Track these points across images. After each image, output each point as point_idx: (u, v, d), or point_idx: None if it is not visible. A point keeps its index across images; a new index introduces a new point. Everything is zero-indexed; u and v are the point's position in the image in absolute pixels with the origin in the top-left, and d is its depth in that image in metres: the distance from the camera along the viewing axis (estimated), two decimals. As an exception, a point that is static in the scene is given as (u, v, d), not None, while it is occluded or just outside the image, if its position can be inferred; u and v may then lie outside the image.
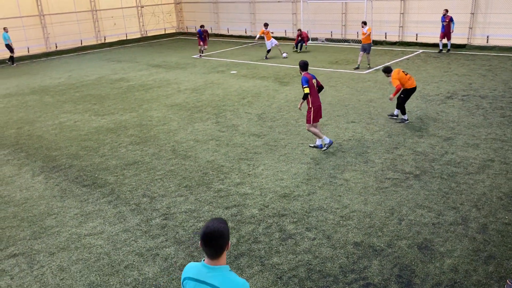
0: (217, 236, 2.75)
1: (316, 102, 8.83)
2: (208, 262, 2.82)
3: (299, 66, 8.79)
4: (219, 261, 2.82)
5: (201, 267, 2.85)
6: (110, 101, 14.06)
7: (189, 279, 2.88)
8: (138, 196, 7.54)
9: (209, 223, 2.81)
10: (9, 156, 9.76)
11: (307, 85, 8.59)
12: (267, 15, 26.45)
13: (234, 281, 2.79)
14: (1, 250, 6.17)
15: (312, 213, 6.69)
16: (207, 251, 2.79)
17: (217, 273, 2.80)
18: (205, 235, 2.76)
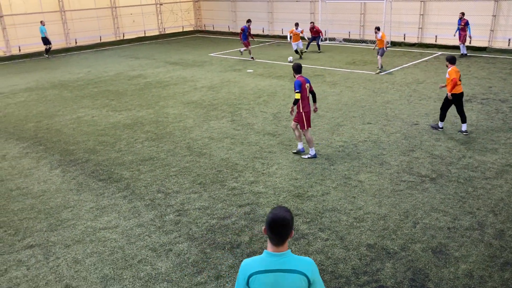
0: (286, 223, 2.77)
1: (307, 108, 8.49)
2: (274, 250, 2.82)
3: (293, 69, 8.45)
4: (284, 247, 2.84)
5: (267, 258, 2.84)
6: (128, 97, 14.21)
7: (258, 273, 2.82)
8: (152, 192, 7.61)
9: (276, 211, 2.81)
10: (28, 149, 9.95)
11: (299, 90, 8.28)
12: (284, 14, 26.41)
13: (304, 260, 2.85)
14: (19, 241, 6.30)
15: (325, 213, 6.67)
16: (274, 238, 2.80)
17: (287, 258, 2.82)
18: (275, 223, 2.77)
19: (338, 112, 11.70)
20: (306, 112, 8.49)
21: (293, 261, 2.84)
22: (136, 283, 5.29)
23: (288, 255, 2.84)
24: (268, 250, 2.85)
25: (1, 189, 7.99)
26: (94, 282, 5.33)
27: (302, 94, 8.32)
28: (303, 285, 2.83)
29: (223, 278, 5.30)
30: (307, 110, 8.49)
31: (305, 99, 8.44)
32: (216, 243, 6.04)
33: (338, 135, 9.96)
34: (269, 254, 2.84)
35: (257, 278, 2.82)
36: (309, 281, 2.84)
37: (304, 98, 8.40)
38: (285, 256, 2.83)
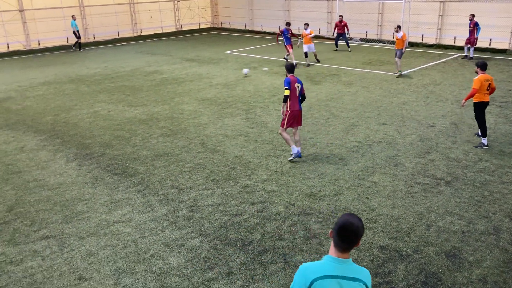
0: (358, 232, 2.73)
1: (294, 107, 8.39)
2: (339, 256, 2.77)
3: (285, 68, 8.49)
4: (348, 255, 2.80)
5: (332, 263, 2.78)
6: (144, 93, 14.34)
7: (322, 279, 2.76)
8: (166, 187, 7.67)
9: (349, 217, 2.75)
10: (45, 142, 10.11)
11: (288, 87, 8.25)
12: (301, 13, 26.31)
13: (364, 270, 2.85)
14: (35, 232, 6.41)
15: (338, 214, 6.64)
16: (343, 245, 2.74)
17: (350, 266, 2.80)
18: (347, 229, 2.72)
19: (353, 112, 11.63)
20: (292, 111, 8.39)
21: (355, 269, 2.82)
22: (148, 277, 5.34)
23: (351, 263, 2.81)
24: (332, 256, 2.79)
25: (19, 180, 8.15)
26: (107, 275, 5.40)
27: (291, 93, 8.29)
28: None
29: (234, 275, 5.33)
30: (292, 109, 8.40)
31: (293, 98, 8.35)
32: (228, 239, 6.06)
33: (353, 135, 9.90)
34: (334, 260, 2.78)
35: (321, 283, 2.75)
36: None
37: (291, 98, 8.34)
38: (349, 264, 2.80)
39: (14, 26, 22.83)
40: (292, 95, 8.30)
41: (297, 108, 8.44)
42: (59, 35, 24.25)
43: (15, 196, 7.54)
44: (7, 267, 5.63)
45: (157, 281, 5.26)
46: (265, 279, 5.24)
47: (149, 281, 5.27)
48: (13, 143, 10.12)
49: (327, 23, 25.32)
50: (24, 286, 5.26)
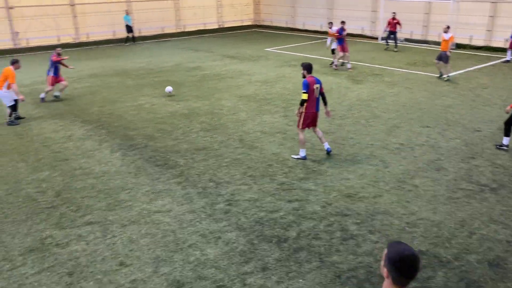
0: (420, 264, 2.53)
1: (310, 109, 8.28)
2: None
3: (303, 67, 8.27)
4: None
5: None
6: (185, 88, 14.62)
7: None
8: (205, 180, 7.82)
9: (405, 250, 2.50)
10: (91, 132, 10.52)
11: (306, 90, 8.12)
12: (345, 11, 25.95)
13: None
14: (80, 217, 6.71)
15: (376, 216, 6.55)
16: (405, 281, 2.52)
17: None
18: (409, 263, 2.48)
19: (395, 113, 11.39)
20: (307, 113, 8.32)
21: None
22: (186, 266, 5.48)
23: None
24: None
25: (66, 167, 8.53)
26: (146, 262, 5.58)
27: (309, 96, 8.16)
28: None
29: (269, 271, 5.37)
30: (307, 111, 8.31)
31: (310, 101, 8.23)
32: (263, 235, 6.11)
33: (394, 137, 9.70)
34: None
35: None
36: None
37: (309, 100, 8.22)
38: None
39: (65, 20, 23.80)
40: (310, 97, 8.21)
41: (313, 110, 8.35)
42: (106, 29, 25.09)
43: (63, 182, 7.90)
44: (53, 249, 5.92)
45: (194, 271, 5.38)
46: (300, 277, 5.26)
47: (187, 270, 5.40)
48: (61, 131, 10.59)
49: (370, 22, 24.86)
50: (69, 268, 5.52)
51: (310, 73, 8.34)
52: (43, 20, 23.05)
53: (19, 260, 5.69)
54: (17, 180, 8.01)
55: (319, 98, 8.42)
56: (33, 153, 9.29)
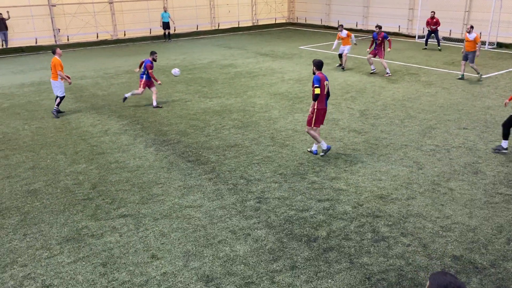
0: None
1: (321, 105, 8.33)
2: None
3: (314, 64, 8.28)
4: None
5: None
6: (218, 85, 14.75)
7: None
8: (235, 177, 7.87)
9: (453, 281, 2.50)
10: (127, 127, 10.78)
11: (318, 85, 8.12)
12: (381, 9, 25.49)
13: None
14: (114, 210, 6.90)
15: (409, 218, 6.41)
16: None
17: None
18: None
19: (431, 114, 11.10)
20: (319, 109, 8.36)
21: None
22: (216, 262, 5.54)
23: None
24: None
25: (102, 161, 8.78)
26: (177, 256, 5.68)
27: (320, 92, 8.19)
28: None
29: (298, 269, 5.36)
30: (319, 107, 8.35)
31: (321, 96, 8.28)
32: (293, 234, 6.10)
33: (430, 138, 9.46)
34: None
35: None
36: None
37: (320, 95, 8.25)
38: None
39: (103, 17, 24.47)
40: (321, 93, 8.25)
41: (324, 106, 8.41)
42: (143, 27, 25.63)
43: (98, 175, 8.14)
44: (89, 239, 6.12)
45: (223, 267, 5.44)
46: (329, 277, 5.22)
47: (216, 266, 5.46)
48: (99, 126, 10.91)
49: (408, 20, 24.29)
50: (103, 258, 5.69)
51: (320, 70, 8.38)
52: (83, 17, 23.78)
53: (56, 249, 5.92)
54: (56, 172, 8.32)
55: (327, 95, 8.46)
56: (72, 146, 9.62)
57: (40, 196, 7.39)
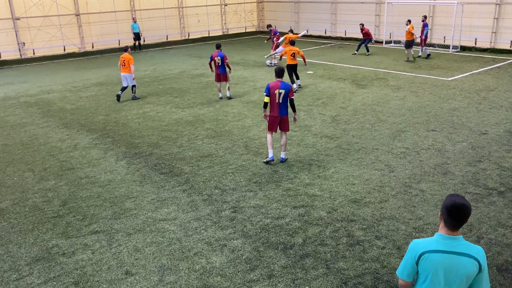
0: (467, 211, 2.96)
1: (272, 113, 8.47)
2: (449, 233, 3.02)
3: (274, 72, 8.49)
4: (458, 232, 3.04)
5: (441, 240, 3.04)
6: (190, 95, 14.66)
7: (431, 252, 3.02)
8: (210, 188, 7.81)
9: (457, 198, 2.99)
10: (97, 140, 10.57)
11: (266, 93, 8.36)
12: (348, 16, 26.00)
13: (476, 247, 3.06)
14: (85, 226, 6.71)
15: (383, 221, 6.50)
16: (453, 223, 2.99)
17: (461, 242, 3.02)
18: (457, 209, 2.95)
19: (401, 117, 11.35)
20: (271, 116, 8.53)
21: (466, 246, 3.02)
22: (192, 275, 5.46)
23: (461, 240, 3.03)
24: (442, 233, 3.04)
25: (72, 176, 8.56)
26: (152, 271, 5.57)
27: (270, 99, 8.36)
28: (474, 270, 2.99)
29: (275, 278, 5.34)
30: (271, 114, 8.51)
31: (271, 104, 8.43)
32: (269, 242, 6.08)
33: (400, 141, 9.65)
34: (443, 237, 3.03)
35: (429, 257, 3.02)
36: (480, 268, 3.00)
37: (270, 103, 8.42)
38: (459, 240, 3.02)
39: (70, 30, 24.03)
40: (271, 100, 8.39)
41: (275, 114, 8.49)
42: (111, 38, 25.30)
43: (68, 191, 7.93)
44: (60, 258, 5.93)
45: (200, 280, 5.36)
46: (307, 284, 5.22)
47: (192, 279, 5.38)
48: (68, 141, 10.65)
49: (375, 26, 24.84)
50: (75, 277, 5.52)
51: (279, 77, 8.45)
52: (49, 30, 23.28)
53: (25, 270, 5.70)
54: (23, 190, 8.05)
55: (284, 103, 8.44)
56: (40, 162, 9.34)
57: (7, 216, 7.12)
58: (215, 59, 13.49)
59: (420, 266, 3.07)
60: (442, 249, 3.00)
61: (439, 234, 3.06)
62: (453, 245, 3.00)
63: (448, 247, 3.00)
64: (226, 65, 13.55)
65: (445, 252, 2.99)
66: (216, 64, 13.51)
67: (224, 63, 13.48)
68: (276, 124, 8.60)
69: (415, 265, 3.09)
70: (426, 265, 3.04)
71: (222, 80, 13.75)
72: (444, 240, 3.02)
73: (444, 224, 3.04)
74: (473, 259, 2.98)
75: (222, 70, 13.56)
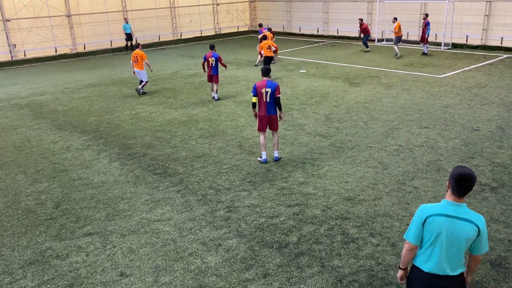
0: (472, 179, 3.27)
1: (261, 112, 8.50)
2: (455, 200, 3.36)
3: (261, 71, 8.53)
4: (463, 200, 3.37)
5: (447, 205, 3.38)
6: (183, 95, 14.63)
7: (436, 216, 3.37)
8: (204, 188, 7.80)
9: (463, 169, 3.32)
10: (90, 142, 10.51)
11: (253, 93, 8.41)
12: (340, 15, 26.07)
13: (478, 215, 3.38)
14: (79, 228, 6.68)
15: (377, 218, 6.53)
16: (459, 190, 3.32)
17: (464, 209, 3.36)
18: (463, 177, 3.28)
19: (393, 115, 11.39)
20: (260, 116, 8.57)
21: (469, 213, 3.36)
22: (187, 275, 5.45)
23: (465, 207, 3.37)
24: (448, 200, 3.39)
25: (65, 178, 8.51)
26: (147, 272, 5.55)
27: (258, 99, 8.42)
28: (473, 235, 3.33)
29: (270, 277, 5.34)
30: (260, 114, 8.55)
31: (259, 104, 8.48)
32: (264, 241, 6.09)
33: (393, 139, 9.70)
34: (449, 203, 3.38)
35: (435, 219, 3.37)
36: (479, 232, 3.34)
37: (258, 103, 8.47)
38: (463, 207, 3.36)
39: (62, 31, 23.88)
40: (259, 100, 8.44)
41: (263, 113, 8.50)
42: (103, 39, 25.18)
43: (62, 193, 7.88)
44: (53, 261, 5.89)
45: (195, 280, 5.35)
46: (302, 282, 5.23)
47: (187, 279, 5.37)
48: (60, 142, 10.58)
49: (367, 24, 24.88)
50: (69, 280, 5.49)
51: (265, 76, 8.49)
52: (40, 31, 23.12)
53: (19, 273, 5.66)
54: (16, 193, 7.99)
55: (272, 102, 8.45)
56: (32, 165, 9.28)
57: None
58: (209, 59, 13.47)
59: (426, 228, 3.39)
60: (446, 213, 3.34)
61: (445, 200, 3.39)
62: (457, 211, 3.33)
63: (452, 212, 3.33)
64: (222, 65, 13.57)
65: (449, 216, 3.33)
66: (210, 65, 13.48)
67: (218, 64, 13.47)
68: (265, 123, 8.60)
69: (421, 227, 3.41)
70: (431, 227, 3.36)
71: (213, 81, 13.71)
72: (450, 206, 3.35)
73: (451, 192, 3.36)
74: (473, 224, 3.30)
75: (214, 72, 13.54)
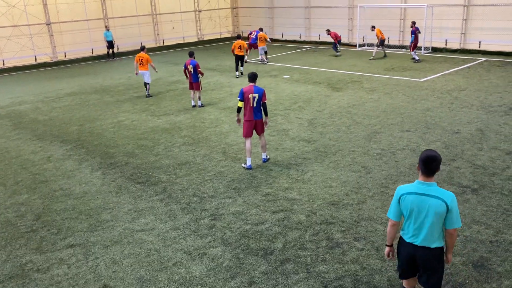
0: (436, 160, 3.75)
1: (247, 117, 8.52)
2: (424, 180, 3.83)
3: (248, 76, 8.58)
4: (432, 179, 3.82)
5: (417, 185, 3.86)
6: (166, 102, 14.54)
7: (408, 194, 3.88)
8: (188, 196, 7.73)
9: (429, 151, 3.80)
10: (71, 152, 10.35)
11: (240, 98, 8.42)
12: (322, 20, 26.30)
13: (446, 192, 3.81)
14: (61, 240, 6.55)
15: (361, 223, 6.55)
16: (427, 170, 3.78)
17: (433, 188, 3.81)
18: (429, 158, 3.75)
19: (375, 119, 11.50)
20: (245, 121, 8.58)
21: (437, 190, 3.80)
22: (171, 285, 5.37)
23: (434, 186, 3.82)
24: (419, 180, 3.86)
25: (46, 189, 8.35)
26: (130, 283, 5.46)
27: (244, 104, 8.42)
28: (443, 210, 3.75)
29: (256, 284, 5.31)
30: (245, 119, 8.56)
31: (246, 109, 8.47)
32: (249, 248, 6.05)
33: (375, 143, 9.78)
34: (419, 183, 3.86)
35: (407, 197, 3.89)
36: (448, 208, 3.74)
37: (245, 108, 8.47)
38: (432, 186, 3.81)
39: (41, 39, 23.55)
40: (245, 105, 8.43)
41: (250, 118, 8.52)
42: (84, 47, 24.92)
43: (42, 205, 7.73)
44: (34, 274, 5.75)
45: (179, 290, 5.29)
46: (287, 289, 5.20)
47: (172, 289, 5.30)
48: (40, 153, 10.39)
49: (348, 30, 25.19)
50: (50, 293, 5.36)
51: (252, 82, 8.51)
52: (19, 40, 22.77)
53: (-2, 289, 5.52)
54: (-6, 205, 7.81)
55: (258, 107, 8.48)
56: (12, 176, 9.08)
57: (-23, 233, 6.89)
58: (188, 67, 13.42)
59: (401, 205, 3.93)
60: (417, 191, 3.83)
61: (417, 180, 3.86)
62: (426, 189, 3.80)
63: (421, 190, 3.82)
64: (199, 72, 13.48)
65: (418, 194, 3.82)
66: (190, 72, 13.43)
67: (196, 71, 13.38)
68: (252, 128, 8.61)
69: (398, 205, 3.95)
70: (405, 203, 3.90)
71: (194, 88, 13.64)
72: (420, 185, 3.83)
73: (421, 173, 3.83)
74: (441, 200, 3.74)
75: (194, 79, 13.47)
